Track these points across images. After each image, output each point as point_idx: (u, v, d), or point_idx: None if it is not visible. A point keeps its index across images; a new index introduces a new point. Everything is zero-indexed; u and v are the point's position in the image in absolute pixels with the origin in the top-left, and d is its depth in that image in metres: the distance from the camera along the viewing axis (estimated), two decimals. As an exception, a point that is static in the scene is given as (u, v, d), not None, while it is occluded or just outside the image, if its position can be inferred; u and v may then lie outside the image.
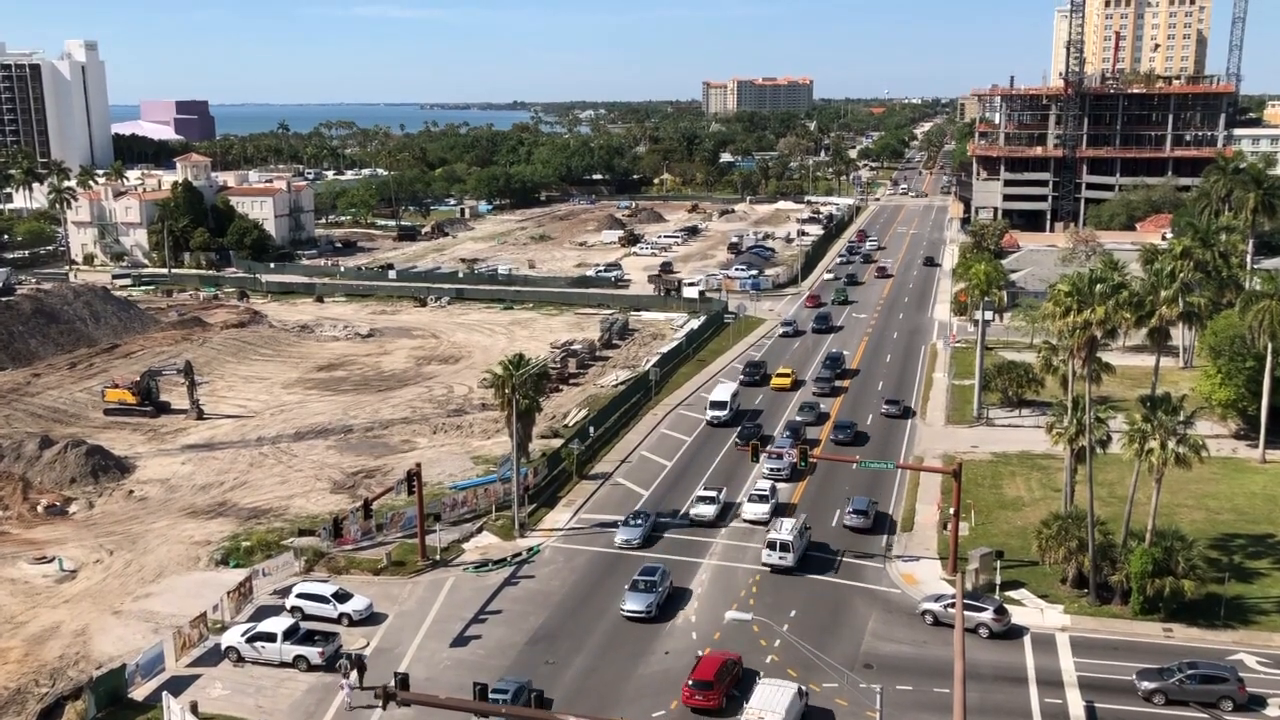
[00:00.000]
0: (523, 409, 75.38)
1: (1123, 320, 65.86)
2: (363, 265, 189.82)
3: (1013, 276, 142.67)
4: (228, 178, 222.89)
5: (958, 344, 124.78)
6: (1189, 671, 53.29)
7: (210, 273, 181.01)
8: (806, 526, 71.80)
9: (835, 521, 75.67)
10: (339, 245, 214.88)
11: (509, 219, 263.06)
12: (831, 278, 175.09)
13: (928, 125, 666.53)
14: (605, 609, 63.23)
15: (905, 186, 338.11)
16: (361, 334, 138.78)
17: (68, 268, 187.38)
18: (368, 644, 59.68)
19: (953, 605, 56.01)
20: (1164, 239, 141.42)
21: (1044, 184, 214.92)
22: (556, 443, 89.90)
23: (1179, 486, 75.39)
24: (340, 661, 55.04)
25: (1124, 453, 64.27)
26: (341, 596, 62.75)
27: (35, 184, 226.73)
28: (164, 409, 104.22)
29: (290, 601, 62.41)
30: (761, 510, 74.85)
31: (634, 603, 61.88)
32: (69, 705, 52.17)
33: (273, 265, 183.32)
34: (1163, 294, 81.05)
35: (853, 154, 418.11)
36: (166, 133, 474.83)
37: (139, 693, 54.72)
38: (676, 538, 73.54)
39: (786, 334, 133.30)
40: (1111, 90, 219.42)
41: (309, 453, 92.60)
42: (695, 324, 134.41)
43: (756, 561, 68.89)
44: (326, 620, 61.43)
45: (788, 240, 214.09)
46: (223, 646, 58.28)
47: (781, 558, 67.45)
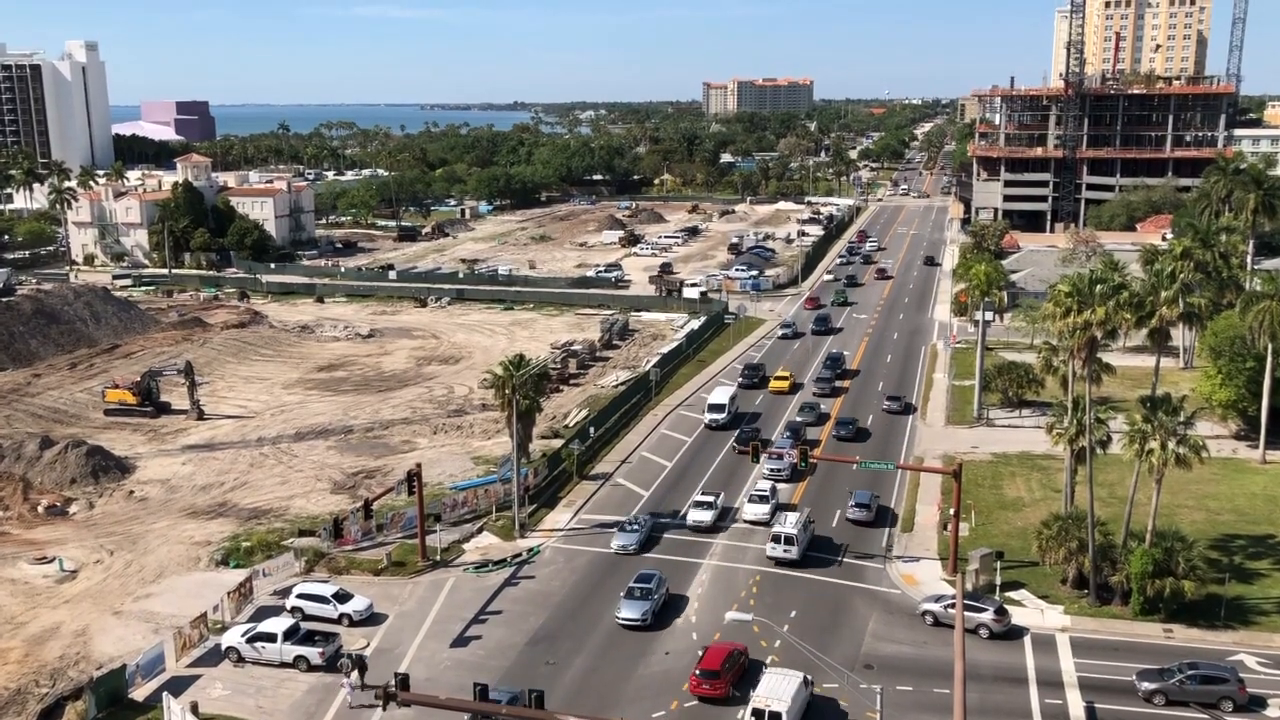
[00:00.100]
0: (523, 409, 75.39)
1: (1123, 321, 66.00)
2: (363, 266, 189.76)
3: (1013, 277, 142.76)
4: (228, 178, 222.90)
5: (958, 344, 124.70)
6: (1189, 672, 53.31)
7: (211, 273, 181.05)
8: (810, 521, 72.27)
9: (836, 521, 75.74)
10: (339, 246, 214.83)
11: (509, 219, 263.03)
12: (831, 278, 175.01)
13: (928, 126, 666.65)
14: (605, 610, 63.18)
15: (905, 187, 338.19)
16: (362, 334, 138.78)
17: (68, 268, 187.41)
18: (368, 644, 59.70)
19: (953, 606, 56.02)
20: (1164, 240, 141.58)
21: (1044, 185, 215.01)
22: (557, 443, 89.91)
23: (1179, 487, 75.42)
24: (341, 661, 55.10)
25: (1124, 453, 64.30)
26: (342, 597, 62.77)
27: (36, 184, 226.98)
28: (164, 409, 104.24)
29: (290, 602, 62.44)
30: (762, 511, 74.92)
31: (629, 610, 61.74)
32: (69, 705, 52.24)
33: (273, 266, 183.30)
34: (1163, 295, 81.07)
35: (853, 154, 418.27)
36: (167, 133, 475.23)
37: (139, 693, 54.74)
38: (676, 538, 73.51)
39: (786, 335, 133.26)
40: (1112, 91, 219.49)
41: (309, 453, 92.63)
42: (695, 324, 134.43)
43: (756, 562, 69.04)
44: (327, 621, 61.46)
45: (788, 241, 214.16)
46: (223, 647, 58.30)
47: (786, 551, 68.08)
